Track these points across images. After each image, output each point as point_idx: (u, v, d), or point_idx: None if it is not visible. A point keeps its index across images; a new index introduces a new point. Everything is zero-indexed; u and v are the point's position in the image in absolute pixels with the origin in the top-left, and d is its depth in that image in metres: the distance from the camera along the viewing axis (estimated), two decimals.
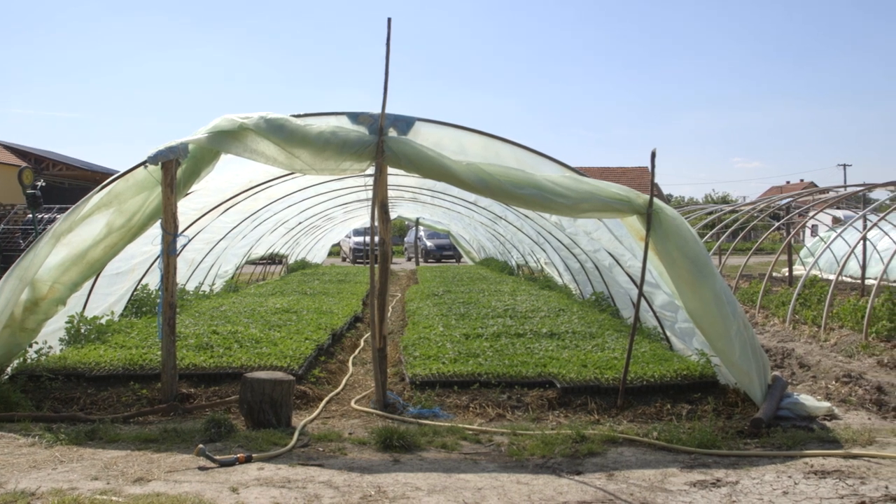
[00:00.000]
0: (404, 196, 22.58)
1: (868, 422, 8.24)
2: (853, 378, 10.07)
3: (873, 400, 9.00)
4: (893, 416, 8.44)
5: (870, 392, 9.33)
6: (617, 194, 8.12)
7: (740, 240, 27.10)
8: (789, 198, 26.81)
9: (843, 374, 10.37)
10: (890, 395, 9.25)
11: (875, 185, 21.67)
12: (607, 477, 6.36)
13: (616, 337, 11.46)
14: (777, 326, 15.98)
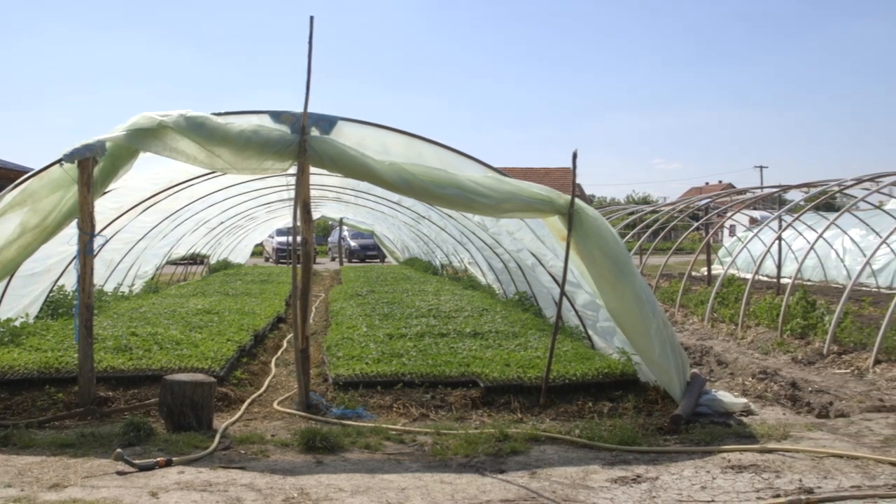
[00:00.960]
0: (328, 196, 22.45)
1: (783, 417, 8.44)
2: (769, 374, 10.32)
3: (788, 395, 9.23)
4: (807, 411, 8.65)
5: (784, 388, 9.57)
6: (538, 194, 8.18)
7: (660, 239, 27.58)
8: (708, 198, 27.32)
9: (759, 370, 10.62)
10: (803, 391, 9.50)
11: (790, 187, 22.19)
12: (530, 475, 6.40)
13: (539, 336, 11.55)
14: (696, 325, 16.30)
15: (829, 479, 6.30)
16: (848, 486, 6.10)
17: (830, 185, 18.24)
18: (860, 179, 17.18)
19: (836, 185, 18.04)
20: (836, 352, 11.46)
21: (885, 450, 7.10)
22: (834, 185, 18.11)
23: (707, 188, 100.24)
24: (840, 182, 17.89)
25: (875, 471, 6.50)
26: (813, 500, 5.78)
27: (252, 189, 18.08)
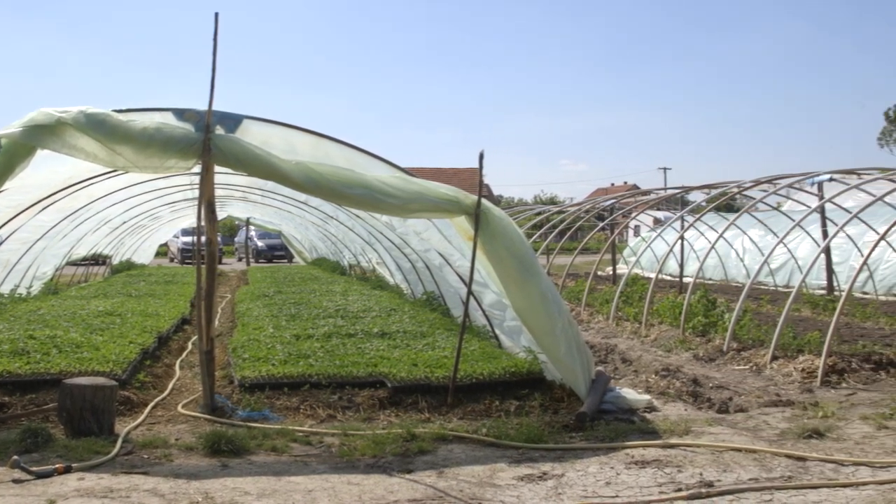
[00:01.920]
0: (234, 195, 22.15)
1: (685, 413, 8.63)
2: (671, 371, 10.54)
3: (689, 392, 9.43)
4: (708, 407, 8.85)
5: (686, 384, 9.78)
6: (446, 195, 8.20)
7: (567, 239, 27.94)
8: (613, 199, 27.80)
9: (662, 368, 10.84)
10: (704, 387, 9.73)
11: (691, 188, 22.73)
12: (437, 474, 6.42)
13: (446, 336, 11.59)
14: (601, 323, 16.55)
15: (729, 472, 6.47)
16: (746, 479, 6.27)
17: (730, 186, 18.73)
18: (758, 181, 17.68)
19: (736, 186, 18.53)
20: (735, 349, 11.76)
21: (780, 443, 7.32)
22: (733, 186, 18.60)
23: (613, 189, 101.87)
24: (739, 184, 18.38)
25: (772, 463, 6.70)
26: (713, 493, 5.93)
27: (156, 188, 17.71)
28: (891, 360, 10.68)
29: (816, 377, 9.99)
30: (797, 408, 8.66)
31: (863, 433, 7.64)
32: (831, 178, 16.64)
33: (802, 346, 11.26)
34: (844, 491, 6.02)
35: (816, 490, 6.04)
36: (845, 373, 10.23)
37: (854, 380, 10.06)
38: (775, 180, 17.73)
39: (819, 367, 10.08)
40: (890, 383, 9.98)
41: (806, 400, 9.03)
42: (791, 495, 5.92)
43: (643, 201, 26.85)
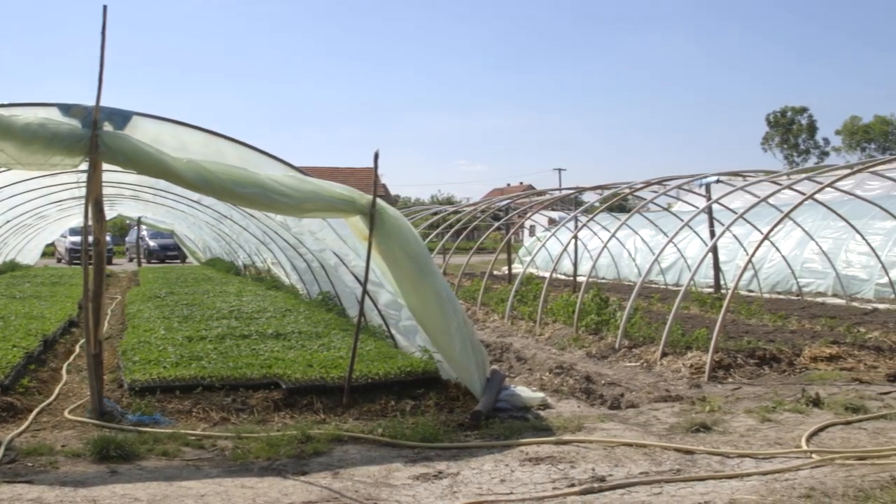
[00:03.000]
0: (124, 193, 21.58)
1: (578, 409, 8.77)
2: (565, 369, 10.69)
3: (582, 389, 9.59)
4: (600, 404, 9.02)
5: (579, 382, 9.94)
6: (341, 194, 8.16)
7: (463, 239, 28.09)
8: (509, 199, 28.09)
9: (556, 365, 10.99)
10: (597, 384, 9.90)
11: (585, 189, 23.14)
12: (333, 475, 6.38)
13: (342, 336, 11.53)
14: (497, 322, 16.70)
15: (620, 466, 6.59)
16: (637, 473, 6.41)
17: (622, 187, 19.13)
18: (649, 182, 18.10)
19: (627, 187, 18.93)
20: (627, 346, 12.00)
21: (670, 437, 7.50)
22: (625, 187, 19.00)
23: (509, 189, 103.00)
24: (631, 185, 18.78)
25: (661, 457, 6.86)
26: (605, 488, 6.03)
27: (42, 186, 17.11)
28: (774, 356, 11.06)
29: (704, 373, 10.27)
30: (686, 403, 8.89)
31: (747, 426, 7.89)
32: (718, 179, 17.14)
33: (691, 343, 11.57)
34: (730, 482, 6.21)
35: (703, 482, 6.21)
36: (731, 368, 10.55)
37: (739, 375, 10.38)
38: (665, 181, 18.17)
39: (706, 363, 10.36)
40: (773, 378, 10.33)
41: (694, 395, 9.27)
42: (680, 487, 6.07)
43: (538, 201, 27.20)
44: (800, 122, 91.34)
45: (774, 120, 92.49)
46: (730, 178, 17.12)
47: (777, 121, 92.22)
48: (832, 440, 7.41)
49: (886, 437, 7.46)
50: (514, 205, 27.83)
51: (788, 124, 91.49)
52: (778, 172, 17.03)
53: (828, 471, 6.46)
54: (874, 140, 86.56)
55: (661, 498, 5.86)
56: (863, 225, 19.79)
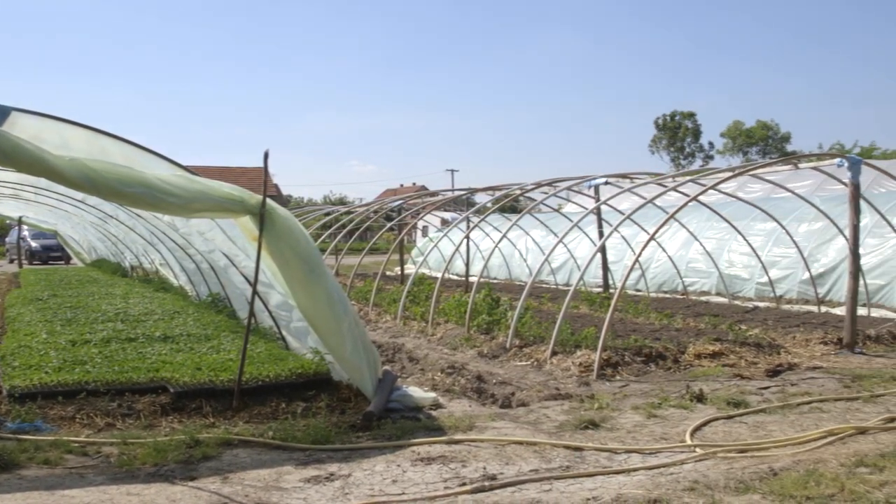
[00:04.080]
0: (4, 192, 20.82)
1: (469, 409, 8.82)
2: (456, 369, 10.76)
3: (474, 388, 9.66)
4: (492, 402, 9.09)
5: (471, 381, 10.01)
6: (230, 194, 8.02)
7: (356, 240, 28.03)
8: (401, 200, 28.10)
9: (447, 365, 11.05)
10: (488, 383, 9.99)
11: (477, 189, 23.31)
12: (222, 480, 6.27)
13: (232, 338, 11.37)
14: (389, 323, 16.69)
15: (511, 464, 6.66)
16: (527, 471, 6.49)
17: (513, 188, 19.34)
18: (539, 184, 18.35)
19: (519, 188, 19.15)
20: (518, 345, 12.14)
21: (559, 434, 7.62)
22: (516, 188, 19.22)
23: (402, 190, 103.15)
24: (522, 186, 19.01)
25: (551, 454, 6.96)
26: (496, 486, 6.09)
27: None
28: (660, 353, 11.34)
29: (593, 371, 10.46)
30: (575, 400, 9.04)
31: (634, 422, 8.07)
32: (606, 181, 17.47)
33: (580, 342, 11.77)
34: (617, 477, 6.34)
35: (592, 478, 6.32)
36: (619, 366, 10.77)
37: (627, 372, 10.61)
38: (555, 183, 18.45)
39: (595, 362, 10.55)
40: (659, 375, 10.59)
41: (583, 393, 9.44)
42: (569, 484, 6.17)
43: (431, 202, 27.29)
44: (686, 125, 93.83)
45: (663, 123, 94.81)
46: (618, 179, 17.48)
47: (665, 124, 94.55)
48: (715, 434, 7.64)
49: (766, 431, 7.73)
50: (407, 205, 27.86)
51: (676, 128, 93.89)
52: (664, 175, 17.49)
53: (710, 464, 6.66)
54: (756, 144, 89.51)
55: (551, 495, 5.94)
56: (744, 226, 20.48)
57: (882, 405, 8.80)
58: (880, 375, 10.27)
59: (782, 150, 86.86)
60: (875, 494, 5.77)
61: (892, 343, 12.90)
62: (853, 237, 12.50)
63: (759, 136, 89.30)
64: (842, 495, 5.76)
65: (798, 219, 20.43)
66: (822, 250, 19.38)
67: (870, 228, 17.89)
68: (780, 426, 7.91)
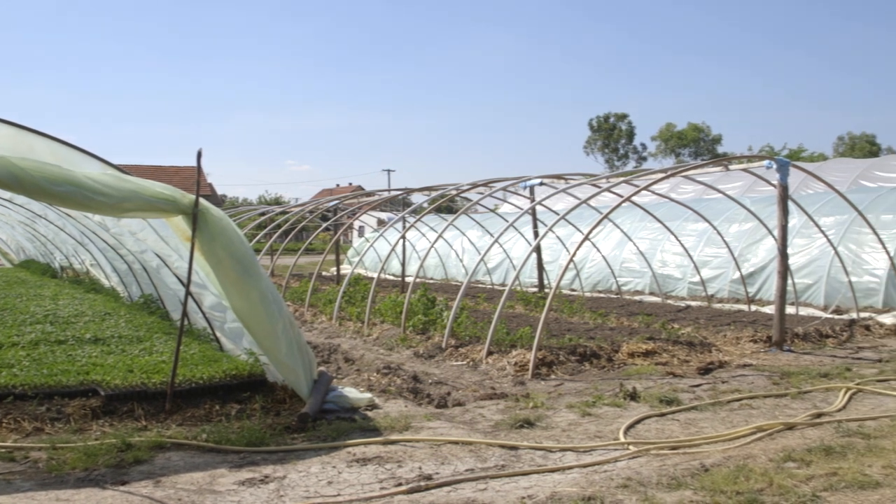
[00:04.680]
0: None
1: (405, 409, 8.81)
2: (392, 369, 10.74)
3: (410, 388, 9.65)
4: (427, 403, 9.09)
5: (407, 381, 10.01)
6: (162, 193, 7.90)
7: (292, 240, 27.80)
8: (337, 200, 27.98)
9: (383, 365, 11.02)
10: (424, 383, 9.99)
11: (413, 190, 23.31)
12: (154, 484, 6.18)
13: (165, 340, 11.21)
14: (325, 323, 16.61)
15: (447, 464, 6.68)
16: (463, 470, 6.51)
17: (449, 189, 19.37)
18: (475, 184, 18.40)
19: (454, 188, 19.19)
20: (453, 345, 12.17)
21: (495, 434, 7.65)
22: (452, 189, 19.25)
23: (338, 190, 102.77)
24: (458, 186, 19.05)
25: (486, 454, 6.98)
26: (432, 486, 6.10)
27: None
28: (594, 352, 11.45)
29: (528, 370, 10.53)
30: (510, 400, 9.08)
31: (569, 421, 8.14)
32: (541, 182, 17.60)
33: (515, 342, 11.85)
34: (552, 476, 6.39)
35: (527, 476, 6.36)
36: (554, 365, 10.85)
37: (562, 371, 10.70)
38: (491, 183, 18.52)
39: (530, 361, 10.62)
40: (593, 373, 10.70)
41: (518, 392, 9.49)
42: (504, 483, 6.21)
43: (367, 202, 27.23)
44: (620, 127, 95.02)
45: (597, 125, 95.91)
46: (553, 180, 17.62)
47: (600, 126, 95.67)
48: (648, 432, 7.75)
49: (697, 428, 7.86)
50: (343, 205, 27.76)
51: (610, 129, 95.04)
52: (598, 176, 17.65)
53: (643, 461, 6.75)
54: (688, 146, 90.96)
55: (487, 494, 5.97)
56: (677, 226, 20.80)
57: (809, 401, 9.01)
58: (808, 372, 10.50)
59: (713, 151, 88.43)
60: (802, 488, 5.90)
61: (819, 341, 13.19)
62: (781, 237, 12.76)
63: (691, 137, 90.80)
64: (770, 490, 5.88)
65: (729, 219, 20.80)
66: (752, 250, 19.74)
67: (798, 229, 18.27)
68: (711, 423, 8.05)
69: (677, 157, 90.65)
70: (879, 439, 7.29)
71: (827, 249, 17.06)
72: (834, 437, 7.40)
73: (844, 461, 6.59)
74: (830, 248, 16.44)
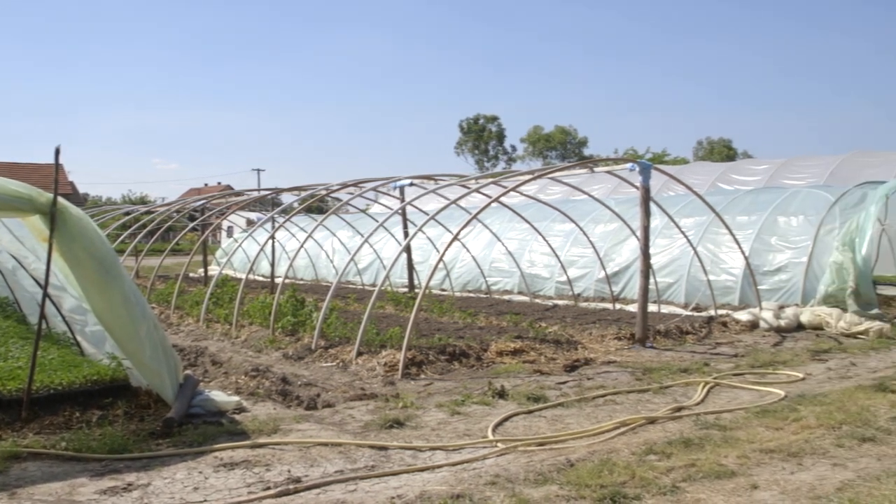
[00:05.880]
0: None
1: (274, 411, 8.71)
2: (261, 371, 10.59)
3: (279, 391, 9.54)
4: (297, 405, 9.01)
5: (276, 383, 9.89)
6: (16, 192, 7.58)
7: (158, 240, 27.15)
8: (204, 199, 27.44)
9: (252, 368, 10.86)
10: (294, 385, 9.89)
11: (283, 190, 23.07)
12: (9, 496, 5.94)
13: (21, 345, 10.75)
14: (192, 326, 16.28)
15: (316, 466, 6.64)
16: (332, 472, 6.48)
17: (319, 189, 19.25)
18: (345, 184, 18.34)
19: (325, 189, 19.09)
20: (323, 346, 12.10)
21: (365, 434, 7.65)
22: (322, 189, 19.14)
23: (206, 189, 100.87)
24: (328, 186, 18.95)
25: (356, 455, 6.98)
26: (301, 489, 6.06)
27: None
28: (463, 351, 11.57)
29: (398, 370, 10.56)
30: (380, 400, 9.09)
31: (438, 420, 8.21)
32: (412, 182, 17.66)
33: (385, 342, 11.87)
34: (422, 475, 6.43)
35: (397, 476, 6.39)
36: (424, 365, 10.91)
37: (432, 371, 10.77)
38: (361, 183, 18.49)
39: (400, 361, 10.65)
40: (463, 372, 10.81)
41: (388, 392, 9.51)
42: (374, 483, 6.21)
43: (235, 202, 26.77)
44: (490, 129, 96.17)
45: (468, 126, 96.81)
46: (423, 181, 17.71)
47: (470, 127, 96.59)
48: (516, 429, 7.87)
49: (563, 424, 8.03)
50: (211, 205, 27.22)
51: (480, 131, 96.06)
52: (468, 177, 17.83)
53: (511, 458, 6.86)
54: (555, 148, 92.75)
55: (356, 495, 5.96)
56: (545, 227, 21.21)
57: (670, 395, 9.33)
58: (668, 368, 10.86)
59: (580, 154, 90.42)
60: (663, 480, 6.11)
61: (680, 337, 13.67)
62: (644, 238, 13.16)
63: (559, 140, 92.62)
64: (633, 482, 6.06)
65: (595, 220, 21.31)
66: (616, 250, 20.28)
67: (660, 229, 18.86)
68: (576, 419, 8.24)
69: (545, 159, 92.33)
70: (734, 430, 7.61)
71: (687, 249, 17.65)
72: (693, 430, 7.68)
73: (702, 452, 6.85)
74: (690, 249, 17.01)
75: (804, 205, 18.09)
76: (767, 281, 17.04)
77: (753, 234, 17.90)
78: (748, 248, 17.17)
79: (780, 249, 17.41)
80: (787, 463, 6.61)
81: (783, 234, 17.66)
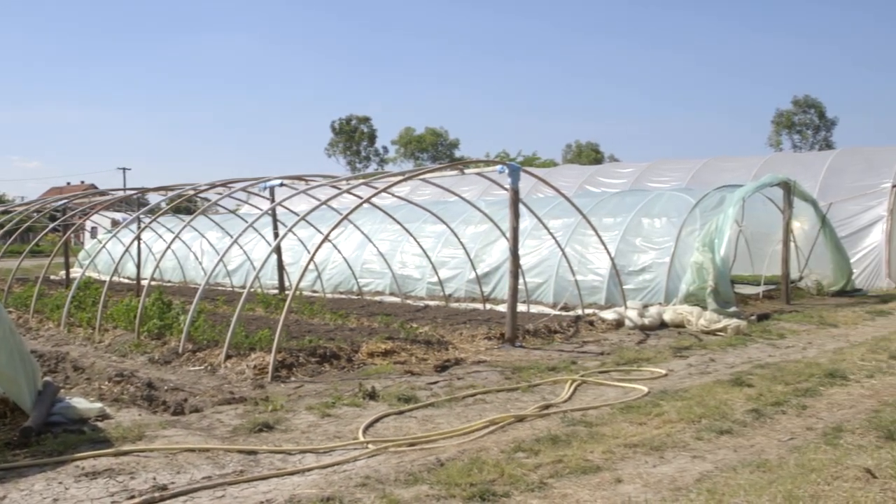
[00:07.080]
0: None
1: (139, 417, 8.50)
2: (126, 377, 10.31)
3: (144, 396, 9.30)
4: (163, 410, 8.81)
5: (141, 389, 9.64)
6: None
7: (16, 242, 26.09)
8: (66, 199, 26.53)
9: (116, 373, 10.56)
10: (160, 390, 9.67)
11: (149, 189, 22.51)
12: None
13: None
14: (52, 330, 15.74)
15: (183, 473, 6.50)
16: (200, 478, 6.36)
17: (187, 188, 18.86)
18: (214, 184, 18.02)
19: (192, 189, 18.71)
20: (191, 350, 11.86)
21: (233, 439, 7.54)
22: (190, 189, 18.76)
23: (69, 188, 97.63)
24: (196, 186, 18.59)
25: (225, 459, 6.87)
26: (167, 496, 5.93)
27: None
28: (334, 353, 11.52)
29: (268, 373, 10.44)
30: (249, 404, 8.97)
31: (309, 422, 8.15)
32: (282, 183, 17.47)
33: (255, 344, 11.72)
34: (292, 478, 6.38)
35: (267, 481, 6.32)
36: (294, 367, 10.83)
37: (302, 373, 10.68)
38: (230, 184, 18.20)
39: (269, 364, 10.53)
40: (333, 374, 10.76)
41: (258, 395, 9.39)
42: (243, 489, 6.13)
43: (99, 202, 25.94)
44: (362, 130, 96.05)
45: (339, 127, 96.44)
46: (293, 181, 17.55)
47: (342, 128, 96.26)
48: (387, 430, 7.89)
49: (434, 424, 8.10)
50: (73, 205, 26.30)
51: (352, 132, 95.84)
52: (339, 177, 17.78)
53: (382, 459, 6.88)
54: (426, 150, 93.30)
55: (224, 501, 5.88)
56: (416, 228, 21.30)
57: (538, 394, 9.51)
58: (537, 366, 11.07)
59: (451, 156, 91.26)
60: (531, 476, 6.23)
61: (549, 336, 13.93)
62: (513, 239, 13.37)
63: (430, 142, 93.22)
64: (502, 480, 6.16)
65: (466, 221, 21.53)
66: (487, 251, 20.55)
67: (529, 231, 19.18)
68: (447, 419, 8.32)
69: (416, 160, 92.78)
70: (600, 426, 7.82)
71: (556, 250, 18.01)
72: (560, 427, 7.85)
73: (569, 448, 7.02)
74: (559, 250, 17.36)
75: (667, 207, 18.72)
76: (633, 280, 17.55)
77: (619, 236, 18.42)
78: (614, 248, 17.64)
79: (644, 250, 17.96)
80: (649, 457, 6.83)
81: (647, 235, 18.23)
